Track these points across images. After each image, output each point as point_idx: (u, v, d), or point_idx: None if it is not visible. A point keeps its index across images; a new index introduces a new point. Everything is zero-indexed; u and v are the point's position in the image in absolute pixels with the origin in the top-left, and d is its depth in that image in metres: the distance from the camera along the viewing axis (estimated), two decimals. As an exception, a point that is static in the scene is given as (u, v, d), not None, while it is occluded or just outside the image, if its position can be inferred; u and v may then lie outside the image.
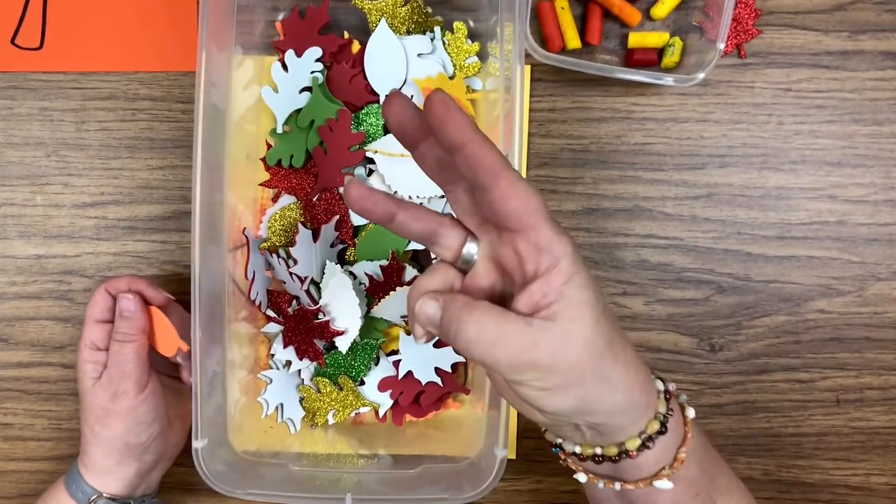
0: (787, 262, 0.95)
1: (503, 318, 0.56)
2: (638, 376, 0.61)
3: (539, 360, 0.55)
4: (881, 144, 0.94)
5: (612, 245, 0.95)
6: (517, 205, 0.54)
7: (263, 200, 0.94)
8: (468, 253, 0.61)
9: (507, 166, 0.54)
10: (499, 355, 0.56)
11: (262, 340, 0.95)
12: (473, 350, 0.56)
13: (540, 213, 0.55)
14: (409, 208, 0.60)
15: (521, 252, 0.57)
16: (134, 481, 0.84)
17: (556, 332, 0.55)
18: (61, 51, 0.95)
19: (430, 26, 0.94)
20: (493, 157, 0.53)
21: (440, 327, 0.59)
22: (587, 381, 0.57)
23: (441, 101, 0.52)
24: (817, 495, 0.97)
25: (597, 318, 0.57)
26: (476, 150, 0.53)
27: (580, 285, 0.56)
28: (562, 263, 0.56)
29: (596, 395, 0.58)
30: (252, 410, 0.93)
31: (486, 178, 0.54)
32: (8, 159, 0.96)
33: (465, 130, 0.53)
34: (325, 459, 0.92)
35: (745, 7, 0.93)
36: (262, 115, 0.94)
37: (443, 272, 0.62)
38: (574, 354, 0.56)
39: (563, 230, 0.57)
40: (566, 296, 0.56)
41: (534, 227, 0.55)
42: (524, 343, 0.55)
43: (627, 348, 0.61)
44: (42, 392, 0.97)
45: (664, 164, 0.95)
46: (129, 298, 0.83)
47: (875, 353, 0.95)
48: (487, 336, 0.56)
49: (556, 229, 0.56)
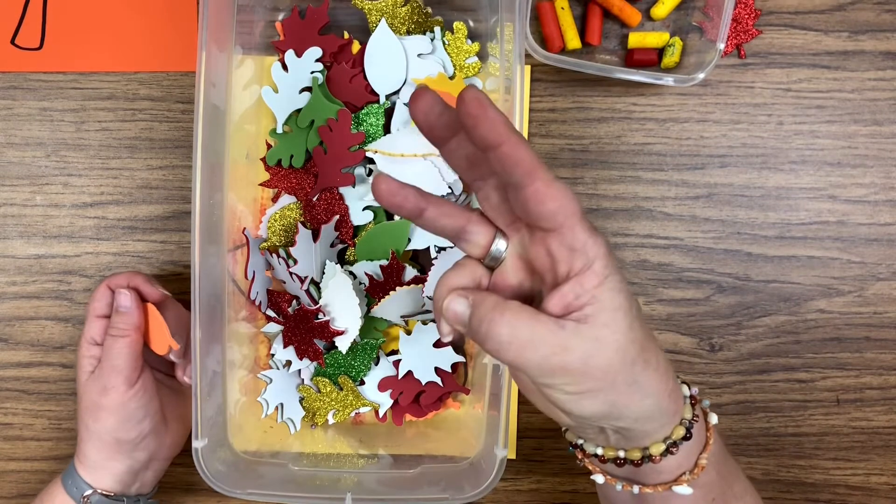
0: (787, 262, 0.95)
1: (535, 319, 0.55)
2: (668, 382, 0.60)
3: (571, 364, 0.55)
4: (881, 144, 0.94)
5: (613, 245, 0.95)
6: (553, 206, 0.53)
7: (263, 200, 0.94)
8: (497, 250, 0.60)
9: (542, 166, 0.53)
10: (530, 358, 0.55)
11: (262, 340, 0.95)
12: (504, 352, 0.55)
13: (575, 213, 0.54)
14: (438, 204, 0.59)
15: (554, 252, 0.56)
16: (126, 478, 0.84)
17: (588, 336, 0.55)
18: (61, 51, 0.95)
19: (430, 26, 0.94)
20: (529, 156, 0.52)
21: (469, 326, 0.58)
22: (618, 387, 0.57)
23: (475, 98, 0.51)
24: (817, 495, 0.97)
25: (630, 323, 0.56)
26: (512, 149, 0.52)
27: (614, 288, 0.55)
28: (596, 265, 0.55)
29: (626, 400, 0.58)
30: (252, 410, 0.93)
31: (522, 178, 0.53)
32: (8, 159, 0.96)
33: (500, 129, 0.51)
34: (325, 459, 0.92)
35: (745, 7, 0.93)
36: (262, 115, 0.94)
37: (470, 268, 0.61)
38: (606, 359, 0.55)
39: (598, 231, 0.56)
40: (600, 299, 0.55)
41: (569, 228, 0.54)
42: (556, 346, 0.54)
43: (659, 354, 0.60)
44: (42, 392, 0.97)
45: (664, 164, 0.95)
46: (125, 294, 0.83)
47: (875, 353, 0.95)
48: (519, 338, 0.55)
49: (590, 230, 0.55)
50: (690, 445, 0.63)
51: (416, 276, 0.91)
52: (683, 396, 0.64)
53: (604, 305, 0.55)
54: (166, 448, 0.87)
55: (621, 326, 0.55)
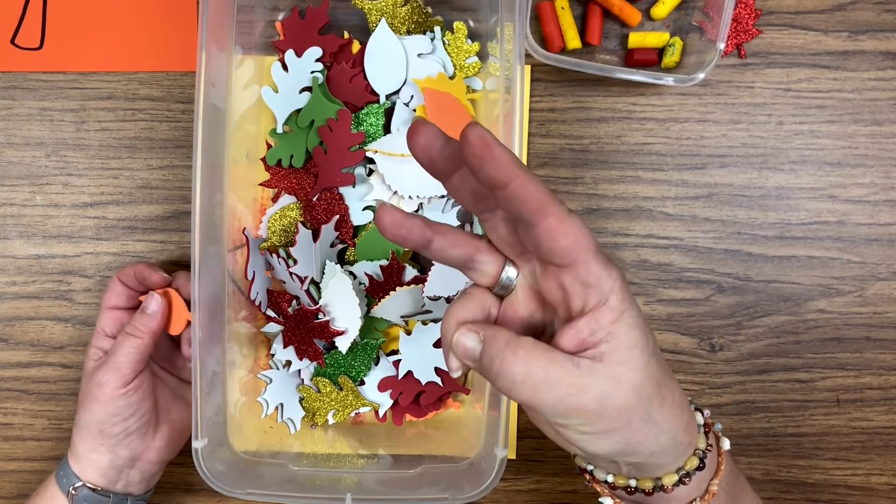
0: (787, 262, 0.95)
1: (550, 359, 0.54)
2: (683, 416, 0.60)
3: (587, 404, 0.54)
4: (881, 144, 0.94)
5: (612, 245, 0.95)
6: (565, 242, 0.52)
7: (263, 200, 0.94)
8: (507, 278, 0.58)
9: (553, 200, 0.51)
10: (544, 398, 0.54)
11: (262, 340, 0.95)
12: (517, 391, 0.54)
13: (589, 248, 0.53)
14: (445, 233, 0.57)
15: (567, 287, 0.54)
16: (109, 473, 0.83)
17: (604, 376, 0.54)
18: (61, 51, 0.95)
19: (430, 26, 0.93)
20: (540, 192, 0.51)
21: (480, 363, 0.56)
22: (634, 425, 0.56)
23: (479, 138, 0.49)
24: (817, 495, 0.97)
25: (647, 361, 0.55)
26: (520, 188, 0.50)
27: (630, 324, 0.54)
28: (611, 300, 0.54)
29: (641, 437, 0.57)
30: (252, 410, 0.93)
31: (532, 216, 0.51)
32: (8, 159, 0.96)
33: (507, 168, 0.50)
34: (324, 459, 0.92)
35: (745, 7, 0.93)
36: (262, 115, 0.94)
37: (479, 298, 0.59)
38: (622, 399, 0.54)
39: (613, 263, 0.55)
40: (616, 336, 0.54)
41: (583, 264, 0.53)
42: (571, 386, 0.53)
43: (675, 388, 0.59)
44: (42, 392, 0.97)
45: (664, 164, 0.95)
46: (157, 299, 0.85)
47: (875, 353, 0.95)
48: (533, 378, 0.54)
49: (605, 263, 0.54)
50: (703, 473, 0.62)
51: (416, 276, 0.91)
52: (697, 425, 0.63)
53: (620, 342, 0.54)
54: (153, 451, 0.86)
55: (638, 364, 0.54)
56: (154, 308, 0.85)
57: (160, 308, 0.85)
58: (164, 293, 0.86)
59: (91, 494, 0.83)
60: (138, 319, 0.84)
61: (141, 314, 0.85)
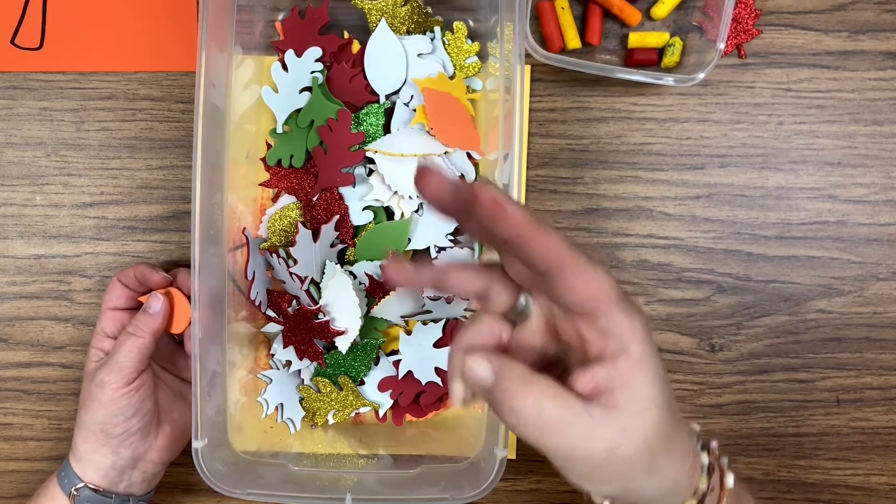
0: (787, 262, 0.95)
1: (564, 402, 0.52)
2: (687, 462, 0.58)
3: (594, 453, 0.52)
4: (881, 144, 0.94)
5: (612, 245, 0.95)
6: (585, 295, 0.51)
7: (263, 200, 0.94)
8: (522, 305, 0.56)
9: (571, 251, 0.50)
10: (552, 441, 0.53)
11: (262, 340, 0.95)
12: (524, 431, 0.53)
13: (611, 297, 0.51)
14: (458, 272, 0.56)
15: (585, 333, 0.53)
16: (111, 474, 0.83)
17: (616, 426, 0.52)
18: (61, 51, 0.95)
19: (430, 26, 0.94)
20: (556, 245, 0.50)
21: (490, 395, 0.54)
22: (637, 474, 0.55)
23: (491, 199, 0.48)
24: (817, 495, 0.97)
25: (661, 414, 0.53)
26: (536, 243, 0.49)
27: (648, 374, 0.52)
28: (632, 349, 0.52)
29: (641, 485, 0.56)
30: (252, 410, 0.93)
31: (550, 269, 0.50)
32: (8, 159, 0.96)
33: (522, 226, 0.49)
34: (325, 459, 0.92)
35: (745, 7, 0.93)
36: (262, 115, 0.94)
37: (491, 322, 0.57)
38: (631, 451, 0.53)
39: (636, 308, 0.53)
40: (633, 385, 0.52)
41: (604, 313, 0.52)
42: (582, 434, 0.52)
43: (683, 437, 0.58)
44: (42, 392, 0.97)
45: (664, 164, 0.95)
46: (160, 299, 0.85)
47: (875, 353, 0.95)
48: (545, 421, 0.52)
49: (628, 311, 0.52)
50: None
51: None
52: (702, 467, 0.61)
53: (637, 393, 0.52)
54: (155, 451, 0.86)
55: (651, 417, 0.53)
56: (156, 308, 0.84)
57: (162, 308, 0.85)
58: (165, 293, 0.86)
59: (93, 495, 0.83)
60: (140, 319, 0.84)
61: (143, 314, 0.85)
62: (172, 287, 0.88)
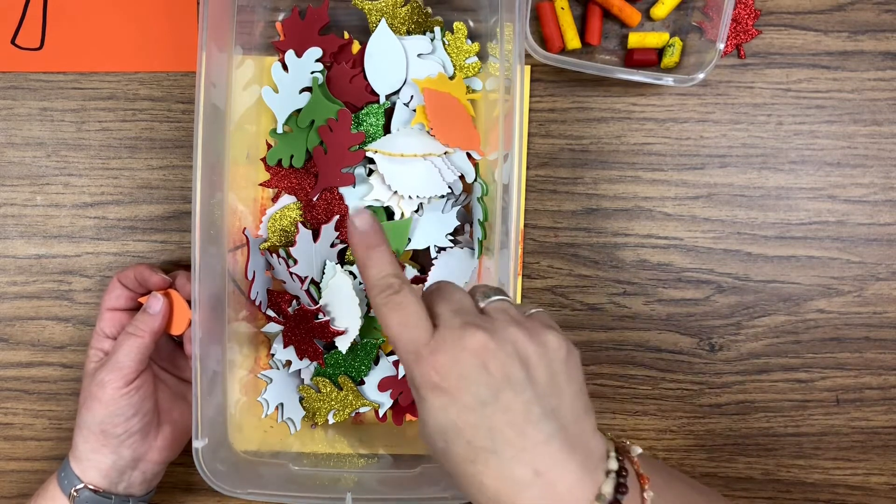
0: (786, 262, 0.95)
1: (423, 311, 0.58)
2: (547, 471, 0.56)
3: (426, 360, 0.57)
4: (881, 144, 0.94)
5: (612, 245, 0.95)
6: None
7: (263, 200, 0.94)
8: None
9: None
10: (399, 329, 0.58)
11: (263, 340, 0.95)
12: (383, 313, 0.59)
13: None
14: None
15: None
16: (111, 474, 0.83)
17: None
18: (61, 51, 0.95)
19: (430, 26, 0.94)
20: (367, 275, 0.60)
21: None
22: (451, 456, 0.57)
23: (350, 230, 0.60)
24: (817, 495, 0.97)
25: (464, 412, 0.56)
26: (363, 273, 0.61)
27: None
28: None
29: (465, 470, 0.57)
30: (252, 410, 0.93)
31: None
32: (8, 159, 0.96)
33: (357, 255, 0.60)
34: (325, 459, 0.92)
35: (745, 7, 0.93)
36: (262, 115, 0.94)
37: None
38: (430, 427, 0.57)
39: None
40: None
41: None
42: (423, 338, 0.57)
43: (536, 446, 0.56)
44: (42, 392, 0.97)
45: (664, 164, 0.95)
46: (159, 299, 0.85)
47: (875, 353, 0.95)
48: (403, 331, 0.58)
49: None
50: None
51: (416, 275, 0.91)
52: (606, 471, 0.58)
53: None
54: (155, 451, 0.86)
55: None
56: (156, 308, 0.85)
57: (162, 308, 0.85)
58: (165, 293, 0.86)
59: (92, 496, 0.83)
60: (140, 319, 0.84)
61: (143, 314, 0.85)
62: (171, 289, 0.88)
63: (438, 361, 0.56)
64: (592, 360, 0.96)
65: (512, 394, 0.55)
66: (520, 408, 0.55)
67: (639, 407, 0.96)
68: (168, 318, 0.86)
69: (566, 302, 0.95)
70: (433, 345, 0.57)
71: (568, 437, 0.56)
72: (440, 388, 0.56)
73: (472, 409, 0.55)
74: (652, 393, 0.96)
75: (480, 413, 0.55)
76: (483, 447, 0.55)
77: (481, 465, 0.55)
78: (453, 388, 0.55)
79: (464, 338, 0.56)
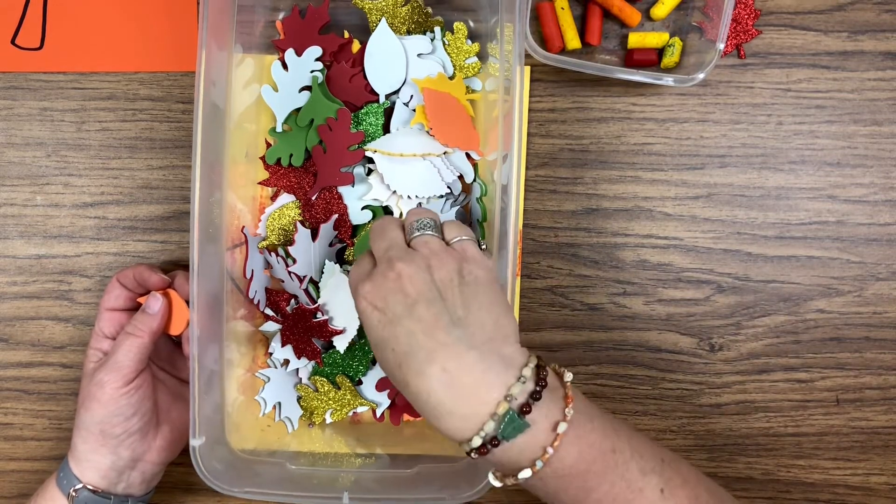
0: (786, 262, 0.95)
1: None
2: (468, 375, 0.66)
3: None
4: (881, 144, 0.94)
5: (612, 245, 0.95)
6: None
7: (262, 199, 0.94)
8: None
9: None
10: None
11: (260, 339, 0.95)
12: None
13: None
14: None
15: None
16: (110, 475, 0.83)
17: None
18: (61, 51, 0.95)
19: (431, 26, 0.94)
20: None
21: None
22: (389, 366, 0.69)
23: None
24: (817, 495, 0.97)
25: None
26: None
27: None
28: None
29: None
30: (250, 409, 0.93)
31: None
32: (8, 159, 0.96)
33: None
34: (322, 458, 0.92)
35: (745, 7, 0.93)
36: (261, 114, 0.94)
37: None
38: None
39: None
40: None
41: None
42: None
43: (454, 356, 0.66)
44: (42, 392, 0.97)
45: (664, 164, 0.95)
46: (158, 299, 0.86)
47: (875, 353, 0.95)
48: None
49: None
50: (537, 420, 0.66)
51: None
52: (520, 376, 0.67)
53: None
54: (154, 451, 0.86)
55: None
56: (155, 308, 0.85)
57: (161, 308, 0.85)
58: (164, 293, 0.86)
59: (91, 496, 0.83)
60: (139, 319, 0.84)
61: (142, 314, 0.85)
62: (171, 289, 0.88)
63: (369, 289, 0.69)
64: (592, 360, 0.96)
65: (424, 307, 0.67)
66: (430, 318, 0.67)
67: (639, 407, 0.96)
68: (167, 318, 0.86)
69: (566, 302, 0.95)
70: (370, 276, 0.70)
71: (474, 342, 0.67)
72: (373, 306, 0.68)
73: (393, 322, 0.67)
74: (652, 393, 0.96)
75: (399, 324, 0.67)
76: (403, 352, 0.67)
77: (405, 369, 0.67)
78: (382, 306, 0.68)
79: (388, 269, 0.69)
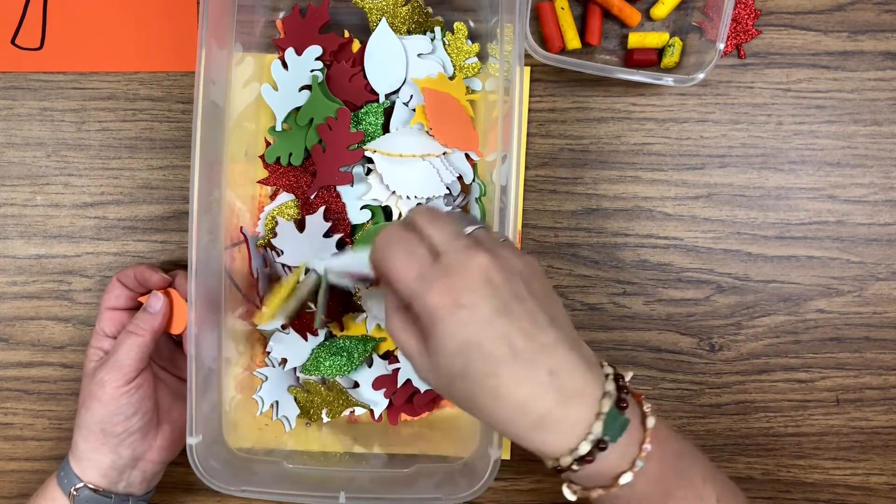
0: (786, 262, 0.95)
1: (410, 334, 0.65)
2: (543, 395, 0.61)
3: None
4: (881, 144, 0.94)
5: (612, 245, 0.95)
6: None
7: (262, 198, 0.94)
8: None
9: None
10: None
11: (258, 338, 0.95)
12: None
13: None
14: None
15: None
16: (111, 474, 0.83)
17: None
18: (61, 51, 0.96)
19: (431, 26, 0.94)
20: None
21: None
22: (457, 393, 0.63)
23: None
24: (817, 495, 0.96)
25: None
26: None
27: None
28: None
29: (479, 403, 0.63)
30: (247, 408, 0.93)
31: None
32: (8, 159, 0.96)
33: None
34: (319, 457, 0.92)
35: (745, 7, 0.93)
36: (261, 113, 0.94)
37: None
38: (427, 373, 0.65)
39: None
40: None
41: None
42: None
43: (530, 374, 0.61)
44: (42, 392, 0.98)
45: (664, 164, 0.95)
46: (159, 298, 0.86)
47: (875, 353, 0.95)
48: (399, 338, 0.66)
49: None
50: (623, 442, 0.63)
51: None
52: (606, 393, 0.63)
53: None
54: (155, 451, 0.86)
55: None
56: (156, 307, 0.85)
57: (162, 307, 0.85)
58: (165, 293, 0.86)
59: (92, 495, 0.83)
60: (140, 318, 0.84)
61: (143, 312, 0.85)
62: (171, 288, 0.88)
63: (451, 282, 0.60)
64: (592, 361, 0.96)
65: (518, 304, 0.60)
66: (527, 316, 0.60)
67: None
68: (168, 317, 0.86)
69: (566, 302, 0.95)
70: (442, 268, 0.61)
71: (570, 341, 0.62)
72: (458, 304, 0.59)
73: (488, 321, 0.59)
74: (652, 393, 0.96)
75: (497, 323, 0.59)
76: (501, 356, 0.59)
77: (502, 377, 0.60)
78: (470, 303, 0.59)
79: (470, 258, 0.60)
